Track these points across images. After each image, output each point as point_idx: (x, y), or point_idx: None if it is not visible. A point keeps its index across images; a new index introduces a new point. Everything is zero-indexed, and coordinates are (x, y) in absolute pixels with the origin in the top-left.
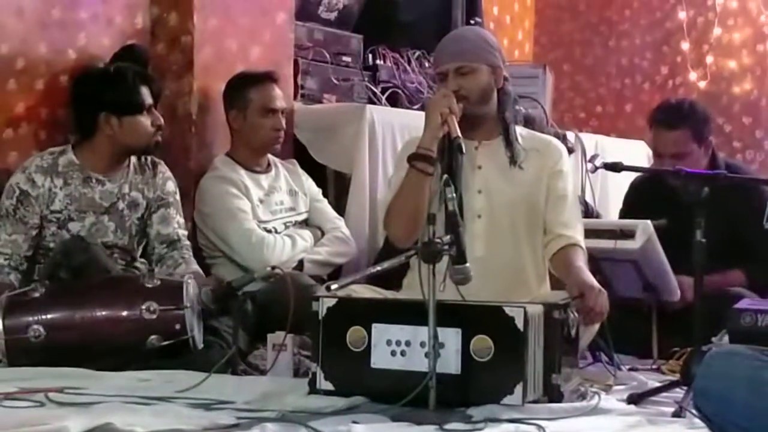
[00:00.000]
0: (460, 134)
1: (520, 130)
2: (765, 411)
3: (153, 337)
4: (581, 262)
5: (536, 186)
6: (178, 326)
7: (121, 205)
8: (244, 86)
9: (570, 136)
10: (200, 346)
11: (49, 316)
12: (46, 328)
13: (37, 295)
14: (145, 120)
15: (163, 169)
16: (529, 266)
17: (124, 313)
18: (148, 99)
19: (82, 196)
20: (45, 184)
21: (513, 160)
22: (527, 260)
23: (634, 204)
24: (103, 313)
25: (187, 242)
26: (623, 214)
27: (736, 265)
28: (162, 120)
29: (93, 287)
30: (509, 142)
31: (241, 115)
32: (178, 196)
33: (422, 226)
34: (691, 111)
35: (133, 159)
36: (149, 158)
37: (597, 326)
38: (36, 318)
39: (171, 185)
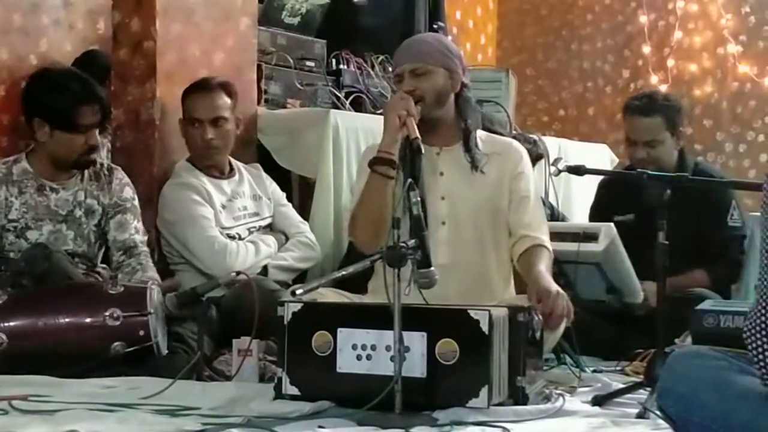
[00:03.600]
0: (419, 135)
1: (480, 134)
2: (727, 411)
3: (117, 343)
4: (543, 265)
5: (499, 189)
6: (141, 332)
7: (78, 212)
8: (182, 97)
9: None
10: (164, 352)
11: (11, 324)
12: (8, 336)
13: None
14: (76, 138)
15: (120, 175)
16: (493, 271)
17: (88, 320)
18: (87, 119)
19: (38, 204)
20: (1, 193)
21: (474, 166)
22: (492, 265)
23: (603, 201)
24: (66, 320)
25: (145, 249)
26: (593, 211)
27: (700, 265)
28: (97, 140)
29: (56, 294)
30: (468, 148)
31: (181, 125)
32: (136, 202)
33: (388, 230)
34: (664, 99)
35: None
36: (105, 164)
37: (561, 330)
38: None
39: (128, 191)
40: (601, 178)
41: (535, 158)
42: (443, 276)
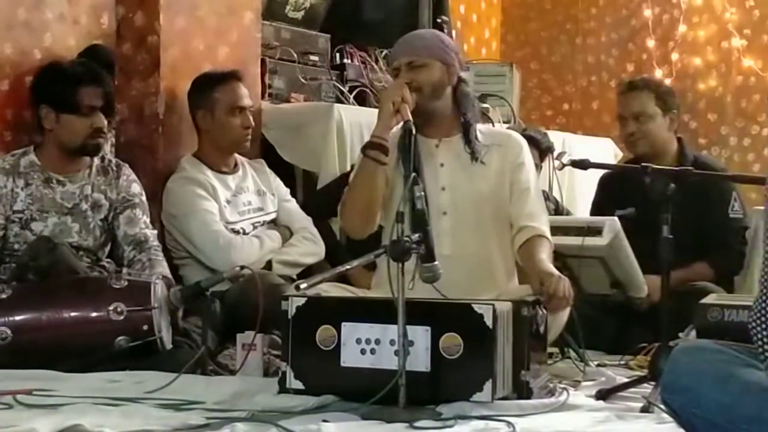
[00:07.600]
0: (411, 119)
1: (479, 127)
2: (732, 405)
3: (121, 338)
4: (545, 253)
5: (499, 180)
6: (145, 327)
7: (84, 206)
8: (210, 86)
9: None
10: (168, 346)
11: (15, 318)
12: (12, 330)
13: (4, 296)
14: (81, 121)
15: (128, 171)
16: (496, 261)
17: (92, 315)
18: (90, 101)
19: (43, 196)
20: (7, 184)
21: (474, 157)
22: (495, 255)
23: (604, 195)
24: (71, 314)
25: (156, 243)
26: (594, 206)
27: (701, 257)
28: (103, 123)
29: (60, 288)
30: (469, 140)
31: (209, 114)
32: (144, 198)
33: (376, 216)
34: (651, 78)
35: (96, 160)
36: (113, 160)
37: (565, 318)
38: (2, 320)
39: (136, 187)
40: (602, 172)
41: (545, 149)
42: (447, 266)
